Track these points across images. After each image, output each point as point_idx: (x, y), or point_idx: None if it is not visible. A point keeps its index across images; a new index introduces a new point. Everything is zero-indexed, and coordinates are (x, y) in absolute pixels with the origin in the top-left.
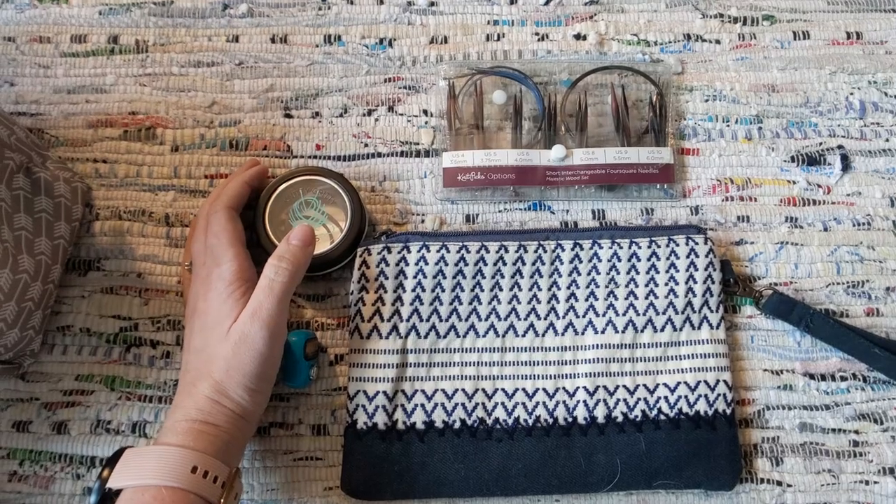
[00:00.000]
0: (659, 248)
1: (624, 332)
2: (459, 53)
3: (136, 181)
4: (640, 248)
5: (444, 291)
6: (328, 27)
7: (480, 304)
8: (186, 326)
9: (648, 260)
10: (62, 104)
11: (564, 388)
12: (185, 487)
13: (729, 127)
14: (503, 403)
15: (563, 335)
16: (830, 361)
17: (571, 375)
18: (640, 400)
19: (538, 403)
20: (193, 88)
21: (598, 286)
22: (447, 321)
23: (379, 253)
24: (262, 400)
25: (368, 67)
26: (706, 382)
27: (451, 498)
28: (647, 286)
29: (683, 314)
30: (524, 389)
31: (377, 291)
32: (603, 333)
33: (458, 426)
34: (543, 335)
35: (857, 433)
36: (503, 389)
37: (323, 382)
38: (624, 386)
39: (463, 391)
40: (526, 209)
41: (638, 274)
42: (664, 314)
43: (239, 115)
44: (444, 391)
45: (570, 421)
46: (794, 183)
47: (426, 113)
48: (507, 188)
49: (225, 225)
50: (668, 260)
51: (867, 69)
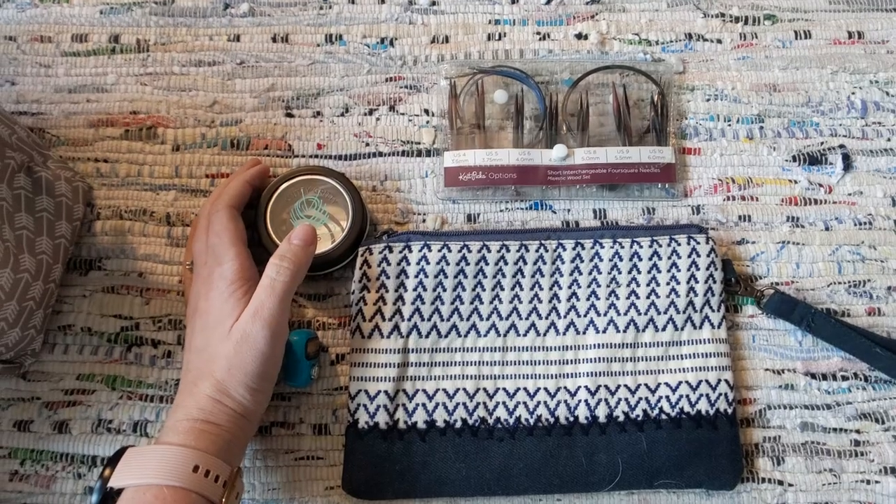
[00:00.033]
0: (660, 247)
1: (625, 331)
2: (461, 53)
3: (137, 180)
4: (641, 247)
5: (445, 291)
6: (329, 26)
7: (482, 303)
8: (188, 326)
9: (650, 259)
10: (63, 103)
11: (566, 387)
12: (186, 487)
13: (730, 126)
14: (504, 403)
15: (564, 335)
16: (832, 361)
17: (573, 375)
18: (641, 399)
19: (539, 403)
20: (194, 88)
21: (599, 286)
22: (448, 321)
23: (380, 252)
24: (263, 399)
25: (370, 67)
26: (707, 382)
27: (452, 497)
28: (648, 286)
29: (685, 314)
30: (526, 389)
31: (378, 291)
32: (604, 333)
33: (459, 425)
34: (545, 335)
35: (858, 433)
36: (504, 389)
37: (324, 382)
38: (625, 385)
39: (464, 390)
40: (527, 209)
41: (639, 273)
42: (665, 314)
43: (240, 114)
44: (445, 390)
45: (571, 420)
46: (795, 182)
47: (427, 112)
48: (508, 188)
49: (226, 224)
50: (669, 259)
51: (869, 69)
